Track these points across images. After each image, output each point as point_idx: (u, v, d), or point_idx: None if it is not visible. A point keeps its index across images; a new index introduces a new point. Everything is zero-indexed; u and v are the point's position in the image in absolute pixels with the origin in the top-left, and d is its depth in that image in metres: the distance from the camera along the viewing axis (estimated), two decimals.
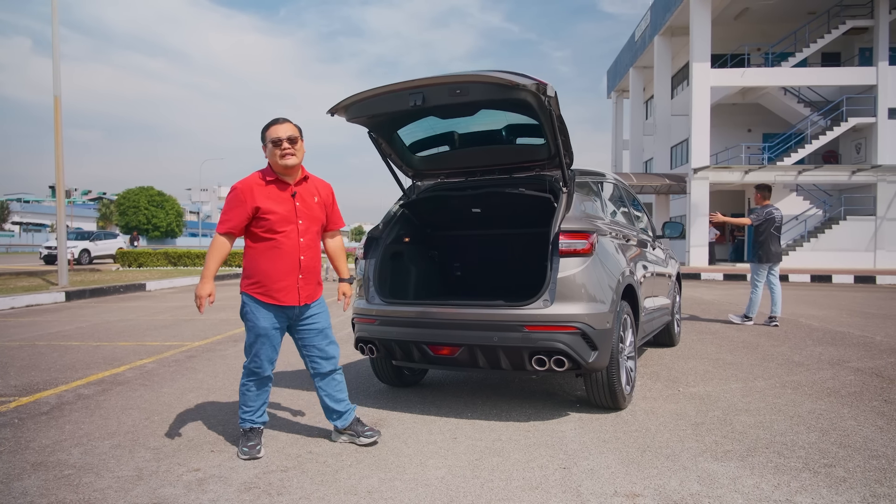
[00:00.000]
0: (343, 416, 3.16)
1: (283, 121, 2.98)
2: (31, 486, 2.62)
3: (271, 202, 2.92)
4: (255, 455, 2.95)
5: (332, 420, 3.18)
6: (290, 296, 2.97)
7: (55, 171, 12.58)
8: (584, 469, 2.77)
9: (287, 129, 2.94)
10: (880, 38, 21.34)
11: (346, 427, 3.16)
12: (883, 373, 4.74)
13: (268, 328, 2.98)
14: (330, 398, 3.14)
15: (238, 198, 2.91)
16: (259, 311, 2.97)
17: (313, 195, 3.06)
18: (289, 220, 2.94)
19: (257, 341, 3.00)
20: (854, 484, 2.58)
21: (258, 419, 3.09)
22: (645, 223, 5.59)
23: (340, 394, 3.17)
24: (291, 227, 2.95)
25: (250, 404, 3.07)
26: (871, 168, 21.30)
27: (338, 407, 3.15)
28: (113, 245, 25.93)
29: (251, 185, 2.92)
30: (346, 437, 3.18)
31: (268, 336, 2.99)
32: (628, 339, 3.86)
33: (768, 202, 7.66)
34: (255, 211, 2.89)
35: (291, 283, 2.97)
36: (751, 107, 25.18)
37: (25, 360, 5.44)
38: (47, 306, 10.19)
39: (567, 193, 3.65)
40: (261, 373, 3.05)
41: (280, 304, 2.97)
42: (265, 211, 2.90)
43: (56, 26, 12.21)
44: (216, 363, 5.27)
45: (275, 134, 2.92)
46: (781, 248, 7.70)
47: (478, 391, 4.28)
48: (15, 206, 72.12)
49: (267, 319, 2.97)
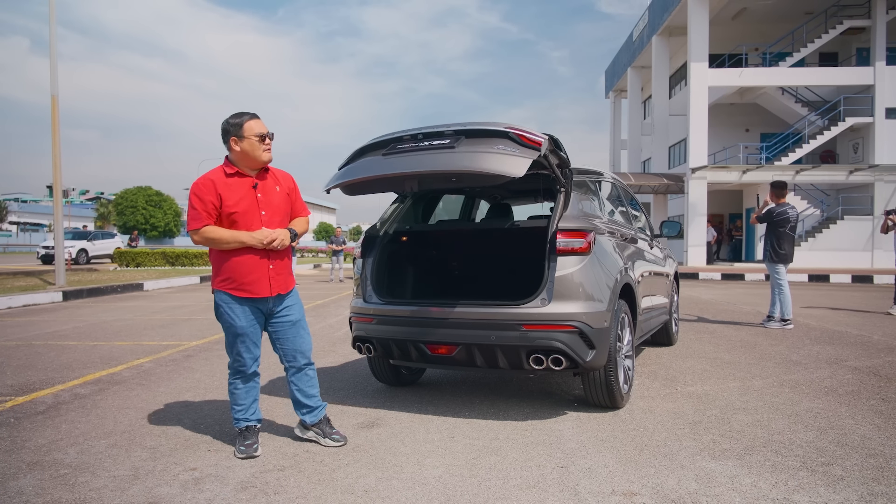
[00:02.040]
0: (313, 411, 3.15)
1: (257, 116, 2.99)
2: (26, 486, 2.61)
3: (233, 194, 2.90)
4: (252, 454, 2.94)
5: (301, 414, 3.16)
6: (261, 287, 2.95)
7: (52, 171, 12.56)
8: (581, 468, 2.77)
9: (264, 124, 2.98)
10: (877, 38, 21.39)
11: (315, 424, 3.15)
12: (880, 372, 4.75)
13: (245, 326, 2.97)
14: (301, 392, 3.13)
15: (199, 193, 2.88)
16: (234, 310, 2.96)
17: (274, 185, 3.05)
18: (252, 211, 2.93)
19: (236, 341, 2.99)
20: (851, 482, 2.57)
21: (252, 417, 3.07)
22: (643, 222, 5.59)
23: (312, 389, 3.15)
24: (255, 218, 2.93)
25: (241, 402, 3.06)
26: (869, 168, 21.35)
27: (308, 402, 3.13)
28: (111, 245, 25.86)
29: (212, 179, 2.91)
30: (312, 434, 3.15)
31: (246, 334, 2.98)
32: (626, 338, 3.86)
33: (784, 200, 7.37)
34: (220, 201, 2.88)
35: (262, 274, 2.95)
36: (748, 107, 25.22)
37: (22, 359, 5.43)
38: (44, 306, 10.17)
39: (565, 192, 3.65)
40: (245, 371, 3.04)
41: (253, 297, 2.95)
42: (229, 203, 2.89)
43: (53, 26, 12.19)
44: (213, 363, 5.25)
45: (259, 129, 2.93)
46: (794, 248, 7.44)
47: (475, 390, 4.28)
48: (12, 205, 72.01)
49: (244, 317, 2.97)
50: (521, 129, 3.18)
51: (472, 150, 3.17)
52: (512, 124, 3.23)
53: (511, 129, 3.19)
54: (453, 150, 3.21)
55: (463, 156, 3.15)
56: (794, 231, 7.35)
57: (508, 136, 3.18)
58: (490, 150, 3.13)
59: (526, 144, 3.13)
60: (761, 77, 22.00)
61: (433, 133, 3.36)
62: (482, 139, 3.23)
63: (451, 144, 3.25)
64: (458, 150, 3.20)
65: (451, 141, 3.27)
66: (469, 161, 3.11)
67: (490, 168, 3.03)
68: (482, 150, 3.15)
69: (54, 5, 12.14)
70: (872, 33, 21.59)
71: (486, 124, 3.28)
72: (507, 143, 3.16)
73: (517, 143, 3.14)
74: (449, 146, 3.24)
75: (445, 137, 3.30)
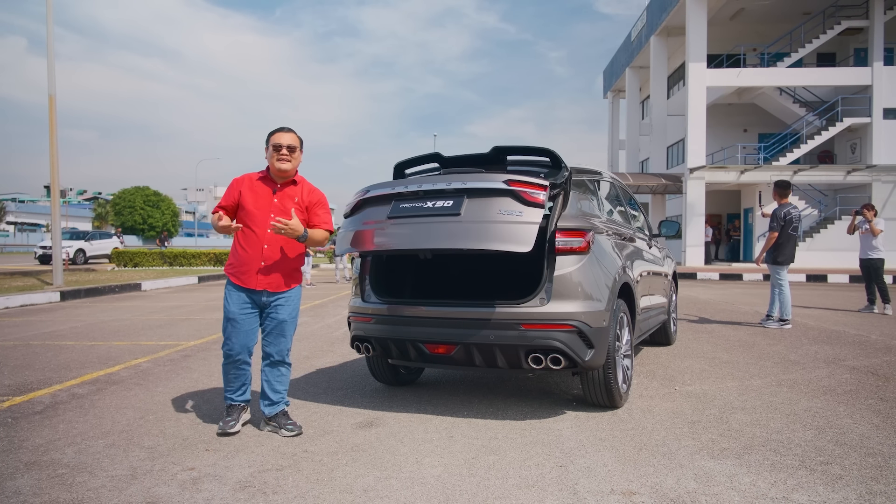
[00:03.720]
0: (274, 405, 3.35)
1: (288, 130, 3.32)
2: (24, 486, 2.60)
3: (252, 194, 3.29)
4: (227, 430, 3.21)
5: (263, 406, 3.38)
6: (250, 280, 3.26)
7: (50, 171, 12.54)
8: (580, 467, 2.77)
9: (289, 138, 3.29)
10: (875, 39, 21.41)
11: (272, 417, 3.33)
12: (878, 371, 4.75)
13: (235, 312, 3.26)
14: (269, 386, 3.36)
15: (232, 185, 3.36)
16: (231, 295, 3.29)
17: (293, 197, 3.33)
18: (262, 213, 3.25)
19: (227, 324, 3.29)
20: (850, 481, 2.58)
21: (238, 398, 3.35)
22: (641, 222, 5.59)
23: (281, 386, 3.38)
24: (264, 219, 3.23)
25: (230, 384, 3.36)
26: (866, 168, 21.38)
27: (273, 397, 3.36)
28: (108, 245, 25.79)
29: (244, 178, 3.35)
30: (269, 428, 3.34)
31: (236, 319, 3.26)
32: (625, 338, 3.86)
33: (786, 201, 7.33)
34: (239, 196, 3.28)
35: (253, 269, 3.25)
36: (746, 107, 25.25)
37: (19, 359, 5.41)
38: (42, 306, 10.15)
39: (563, 192, 3.64)
40: (232, 356, 3.29)
41: (244, 287, 3.26)
42: (245, 200, 3.27)
43: (51, 25, 12.17)
44: (211, 362, 5.24)
45: (276, 140, 3.26)
46: (795, 249, 7.41)
47: (474, 390, 4.28)
48: (10, 205, 71.86)
49: (236, 304, 3.27)
50: (523, 184, 3.20)
51: (478, 219, 3.20)
52: (513, 177, 3.24)
53: (514, 185, 3.20)
54: (458, 218, 3.23)
55: (469, 228, 3.18)
56: (797, 231, 7.32)
57: (512, 193, 3.20)
58: (496, 218, 3.16)
59: (529, 203, 3.15)
60: (759, 77, 22.02)
61: (434, 191, 3.37)
62: (485, 199, 3.24)
63: (455, 211, 3.25)
64: (463, 220, 3.22)
65: (454, 204, 3.27)
66: (476, 237, 3.15)
67: (499, 247, 3.10)
68: (487, 219, 3.18)
69: (51, 5, 12.12)
70: (870, 34, 21.62)
71: (488, 179, 3.30)
72: (511, 203, 3.17)
73: (521, 203, 3.17)
74: (453, 213, 3.25)
75: (448, 197, 3.32)
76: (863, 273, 9.23)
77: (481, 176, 3.38)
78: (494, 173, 3.41)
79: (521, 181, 3.21)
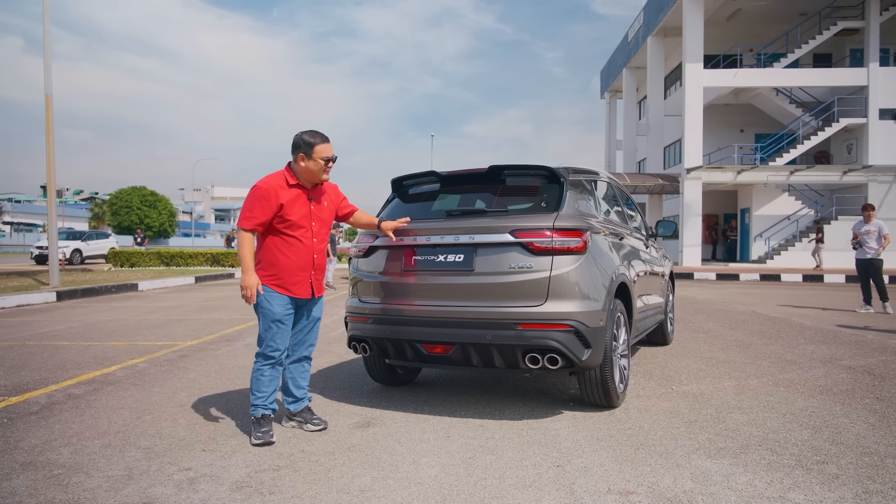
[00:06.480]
0: (299, 401, 3.42)
1: (328, 139, 3.29)
2: (19, 486, 2.60)
3: (292, 204, 3.22)
4: (268, 440, 3.12)
5: (287, 403, 3.43)
6: (303, 289, 3.29)
7: (46, 171, 12.50)
8: (577, 467, 2.77)
9: (332, 148, 3.30)
10: (871, 40, 21.49)
11: (297, 413, 3.41)
12: (874, 370, 4.77)
13: (282, 314, 3.23)
14: (293, 382, 3.42)
15: (264, 196, 3.16)
16: (274, 298, 3.23)
17: (324, 200, 3.39)
18: (305, 221, 3.27)
19: (272, 327, 3.22)
20: (846, 480, 2.58)
21: (269, 405, 3.26)
22: (638, 222, 5.60)
23: (304, 381, 3.45)
24: (307, 228, 3.27)
25: (263, 390, 3.25)
26: (863, 168, 21.45)
27: (297, 393, 3.42)
28: (105, 245, 25.73)
29: (275, 186, 3.19)
30: (294, 423, 3.41)
31: (282, 321, 3.24)
32: (622, 338, 3.87)
33: None
34: (279, 208, 3.17)
35: (305, 278, 3.29)
36: (743, 107, 25.31)
37: (15, 359, 5.39)
38: (38, 306, 10.12)
39: (561, 190, 3.64)
40: (276, 357, 3.25)
41: (294, 297, 3.27)
42: (287, 212, 3.20)
43: (47, 25, 12.13)
44: (208, 363, 5.23)
45: (328, 153, 3.24)
46: None
47: (471, 390, 4.28)
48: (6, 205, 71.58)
49: (281, 306, 3.23)
50: (528, 233, 3.37)
51: (489, 275, 3.40)
52: (519, 225, 3.40)
53: (521, 236, 3.37)
54: (470, 274, 3.45)
55: (484, 284, 3.40)
56: None
57: (521, 245, 3.37)
58: (507, 275, 3.36)
59: (537, 252, 3.34)
60: (756, 78, 22.07)
61: (444, 245, 3.54)
62: (495, 253, 3.43)
63: (466, 266, 3.47)
64: (475, 276, 3.43)
65: (464, 258, 3.48)
66: (492, 295, 3.37)
67: (513, 307, 3.32)
68: (499, 277, 3.38)
69: (48, 5, 12.08)
70: (866, 34, 21.69)
71: (495, 231, 3.43)
72: (519, 256, 3.37)
73: (530, 253, 3.35)
74: (465, 269, 3.47)
75: (458, 251, 3.50)
76: (858, 273, 9.31)
77: (488, 226, 3.48)
78: (500, 219, 3.52)
79: (527, 229, 3.38)
